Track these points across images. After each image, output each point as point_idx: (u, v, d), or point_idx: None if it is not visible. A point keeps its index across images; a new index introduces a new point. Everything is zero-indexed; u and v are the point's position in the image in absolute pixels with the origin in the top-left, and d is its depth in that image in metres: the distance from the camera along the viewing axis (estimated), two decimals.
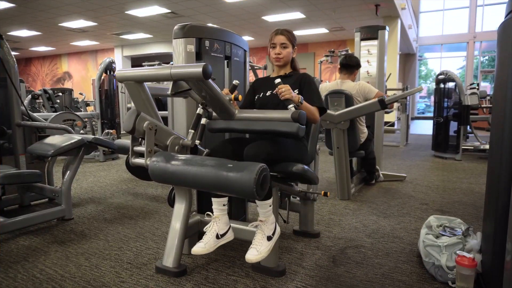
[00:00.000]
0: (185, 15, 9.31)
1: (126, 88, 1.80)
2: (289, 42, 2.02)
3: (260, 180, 1.46)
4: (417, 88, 3.81)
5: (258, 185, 1.45)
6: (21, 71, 17.20)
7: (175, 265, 1.86)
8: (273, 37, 2.04)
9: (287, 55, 2.04)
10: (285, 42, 2.02)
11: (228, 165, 1.54)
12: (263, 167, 1.49)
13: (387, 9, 8.88)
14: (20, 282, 1.80)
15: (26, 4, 8.27)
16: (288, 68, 2.12)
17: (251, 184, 1.43)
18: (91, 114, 5.95)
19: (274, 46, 2.03)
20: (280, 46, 2.02)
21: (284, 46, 2.02)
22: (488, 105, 6.95)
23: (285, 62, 2.07)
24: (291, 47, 2.04)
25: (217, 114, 1.89)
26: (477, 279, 1.69)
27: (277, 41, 2.02)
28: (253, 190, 1.44)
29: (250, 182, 1.44)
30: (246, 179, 1.45)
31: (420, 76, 16.86)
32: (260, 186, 1.46)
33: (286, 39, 2.02)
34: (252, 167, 1.48)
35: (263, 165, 1.50)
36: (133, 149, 1.89)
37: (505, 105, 1.49)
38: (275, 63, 2.07)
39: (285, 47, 2.02)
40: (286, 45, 2.02)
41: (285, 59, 2.05)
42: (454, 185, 3.89)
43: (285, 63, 2.08)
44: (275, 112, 1.76)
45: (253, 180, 1.43)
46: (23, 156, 2.96)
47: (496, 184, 1.56)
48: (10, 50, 2.86)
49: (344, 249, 2.20)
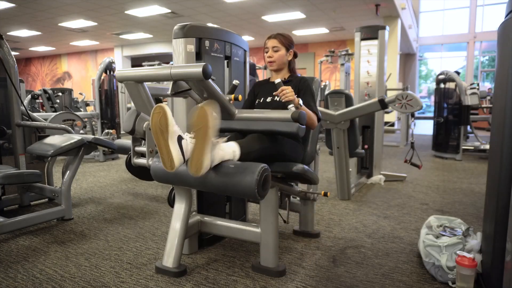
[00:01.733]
0: (185, 15, 9.30)
1: (126, 88, 1.80)
2: (281, 45, 2.03)
3: (262, 181, 1.46)
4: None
5: (259, 186, 1.45)
6: (21, 71, 17.21)
7: (175, 265, 1.86)
8: (266, 42, 2.06)
9: (279, 58, 2.04)
10: (277, 45, 2.02)
11: (230, 166, 1.54)
12: (264, 167, 1.49)
13: (387, 9, 8.87)
14: (20, 282, 1.79)
15: (26, 4, 8.26)
16: (285, 72, 2.11)
17: (252, 186, 1.44)
18: (91, 114, 5.95)
19: (267, 50, 2.05)
20: (271, 50, 2.03)
21: (276, 50, 2.03)
22: (488, 105, 6.95)
23: (279, 66, 2.07)
24: (285, 49, 2.04)
25: None
26: (477, 279, 1.69)
27: (269, 45, 2.04)
28: (255, 191, 1.44)
29: (251, 184, 1.44)
30: (248, 181, 1.45)
31: (420, 76, 16.86)
32: (261, 187, 1.46)
33: (278, 42, 2.02)
34: (253, 168, 1.48)
35: (264, 165, 1.50)
36: (135, 149, 1.89)
37: (505, 105, 1.49)
38: (269, 67, 2.09)
39: (276, 50, 2.03)
40: (277, 48, 2.03)
41: (277, 62, 2.04)
42: (454, 185, 3.89)
43: (279, 67, 2.07)
44: (275, 112, 1.76)
45: (255, 182, 1.43)
46: (23, 156, 2.96)
47: (496, 184, 1.56)
48: (10, 50, 2.86)
49: (344, 249, 2.20)
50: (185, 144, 1.55)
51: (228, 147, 1.61)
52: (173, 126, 1.49)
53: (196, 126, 1.45)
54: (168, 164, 1.52)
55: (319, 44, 12.97)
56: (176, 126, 1.52)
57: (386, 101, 3.08)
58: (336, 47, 11.22)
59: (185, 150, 1.54)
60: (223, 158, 1.58)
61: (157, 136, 1.49)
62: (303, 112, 1.66)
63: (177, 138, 1.52)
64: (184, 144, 1.54)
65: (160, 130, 1.48)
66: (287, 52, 2.06)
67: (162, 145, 1.50)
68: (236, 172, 1.50)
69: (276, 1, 8.09)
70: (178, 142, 1.52)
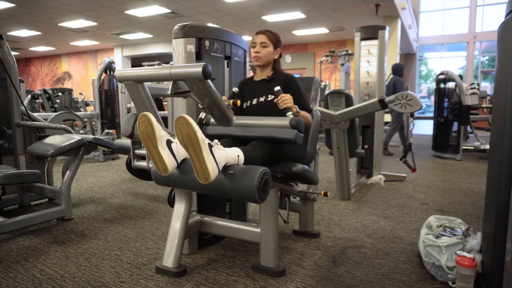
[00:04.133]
0: (185, 15, 9.30)
1: (126, 88, 1.80)
2: (269, 42, 2.00)
3: (262, 184, 1.46)
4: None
5: (260, 190, 1.45)
6: (21, 71, 17.20)
7: (175, 265, 1.86)
8: (254, 37, 2.03)
9: (266, 55, 2.01)
10: (265, 42, 2.00)
11: (229, 172, 1.53)
12: (264, 171, 1.49)
13: (387, 9, 8.87)
14: (20, 282, 1.79)
15: (26, 4, 8.26)
16: (269, 70, 2.08)
17: (253, 190, 1.44)
18: (91, 114, 5.95)
19: (254, 45, 2.02)
20: (259, 45, 2.01)
21: (264, 46, 2.00)
22: (488, 105, 6.95)
23: (265, 62, 2.04)
24: (272, 47, 2.02)
25: (214, 120, 1.89)
26: (477, 279, 1.69)
27: (257, 41, 2.01)
28: (256, 195, 1.45)
29: (252, 188, 1.44)
30: (248, 185, 1.45)
31: (420, 76, 16.86)
32: (262, 191, 1.47)
33: (267, 38, 2.00)
34: (253, 172, 1.48)
35: (264, 169, 1.50)
36: (135, 152, 1.89)
37: (505, 105, 1.49)
38: (254, 62, 2.06)
39: (264, 46, 2.00)
40: (266, 44, 2.00)
41: (264, 58, 2.02)
42: (454, 185, 3.89)
43: (265, 63, 2.04)
44: (273, 119, 1.76)
45: (255, 186, 1.44)
46: (23, 156, 2.96)
47: (496, 184, 1.56)
48: (10, 50, 2.86)
49: (344, 249, 2.20)
50: (175, 147, 1.55)
51: (233, 152, 1.60)
52: (160, 131, 1.50)
53: (182, 138, 1.44)
54: (162, 168, 1.52)
55: (319, 44, 12.97)
56: (163, 131, 1.52)
57: (386, 101, 3.08)
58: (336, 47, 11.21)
59: (176, 152, 1.55)
60: (229, 161, 1.56)
61: (146, 143, 1.51)
62: (301, 119, 1.66)
63: (166, 142, 1.53)
64: (174, 147, 1.55)
65: (148, 137, 1.49)
66: (274, 50, 2.03)
67: (152, 151, 1.51)
68: (237, 175, 1.50)
69: (276, 1, 8.09)
70: (168, 146, 1.53)
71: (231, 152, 1.59)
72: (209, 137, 1.89)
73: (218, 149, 1.52)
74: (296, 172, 1.81)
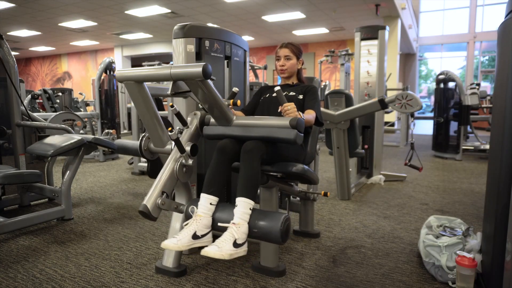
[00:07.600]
0: (185, 15, 9.30)
1: (126, 88, 1.80)
2: (292, 54, 2.11)
3: (285, 230, 1.51)
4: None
5: (284, 235, 1.50)
6: (21, 71, 17.21)
7: (175, 265, 1.86)
8: (277, 51, 2.13)
9: (291, 67, 2.11)
10: (289, 54, 2.10)
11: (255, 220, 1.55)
12: (286, 217, 1.54)
13: (387, 9, 8.87)
14: (20, 282, 1.79)
15: (26, 4, 8.26)
16: (294, 78, 2.19)
17: (278, 236, 1.48)
18: (91, 114, 5.95)
19: (279, 58, 2.12)
20: (284, 58, 2.11)
21: (288, 58, 2.10)
22: (488, 105, 6.95)
23: (290, 74, 2.14)
24: (295, 58, 2.12)
25: (214, 119, 1.88)
26: (477, 279, 1.69)
27: (281, 54, 2.11)
28: (280, 239, 1.49)
29: (277, 234, 1.48)
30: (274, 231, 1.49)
31: (420, 76, 16.86)
32: (285, 235, 1.51)
33: (290, 51, 2.10)
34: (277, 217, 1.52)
35: (286, 215, 1.55)
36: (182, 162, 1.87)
37: (505, 105, 1.49)
38: (280, 74, 2.15)
39: (288, 58, 2.11)
40: (289, 57, 2.10)
41: (289, 70, 2.12)
42: (454, 185, 3.89)
43: (290, 74, 2.15)
44: (273, 118, 1.76)
45: (279, 231, 1.48)
46: (23, 156, 2.96)
47: (496, 184, 1.56)
48: (10, 50, 2.86)
49: (344, 249, 2.20)
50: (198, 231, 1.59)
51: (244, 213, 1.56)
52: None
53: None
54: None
55: (319, 44, 12.96)
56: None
57: (386, 101, 3.08)
58: (336, 47, 11.22)
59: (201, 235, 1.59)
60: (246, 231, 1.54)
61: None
62: (301, 119, 1.65)
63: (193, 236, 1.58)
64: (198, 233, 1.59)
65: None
66: (297, 61, 2.14)
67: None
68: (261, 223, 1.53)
69: (276, 1, 8.09)
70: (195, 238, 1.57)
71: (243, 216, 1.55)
72: (209, 137, 1.90)
73: (238, 238, 1.49)
74: (296, 172, 1.80)
